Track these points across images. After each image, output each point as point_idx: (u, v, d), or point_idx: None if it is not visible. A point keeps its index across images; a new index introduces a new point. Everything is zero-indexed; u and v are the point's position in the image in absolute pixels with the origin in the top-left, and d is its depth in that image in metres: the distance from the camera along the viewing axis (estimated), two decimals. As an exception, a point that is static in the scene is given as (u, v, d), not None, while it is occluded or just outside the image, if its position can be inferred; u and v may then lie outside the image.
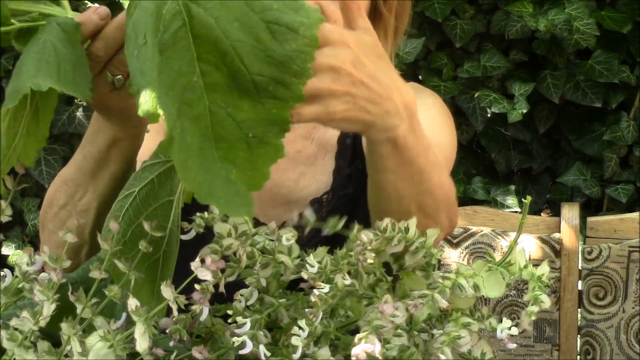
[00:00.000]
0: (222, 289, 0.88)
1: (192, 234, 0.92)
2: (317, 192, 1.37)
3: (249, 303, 0.92)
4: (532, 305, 0.90)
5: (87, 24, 0.94)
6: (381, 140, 0.99)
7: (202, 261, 0.85)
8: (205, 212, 0.94)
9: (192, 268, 0.85)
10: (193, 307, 0.86)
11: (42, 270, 0.91)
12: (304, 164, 1.37)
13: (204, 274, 0.84)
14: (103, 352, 0.82)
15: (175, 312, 0.85)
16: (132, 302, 0.83)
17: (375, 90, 0.96)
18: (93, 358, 0.82)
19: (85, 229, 1.10)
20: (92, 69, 0.94)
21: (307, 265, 0.89)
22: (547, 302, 0.90)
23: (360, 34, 0.94)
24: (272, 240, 0.93)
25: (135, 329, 0.83)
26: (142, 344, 0.82)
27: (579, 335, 1.81)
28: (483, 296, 0.93)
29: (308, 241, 1.37)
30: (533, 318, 0.89)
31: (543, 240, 1.78)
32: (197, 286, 0.88)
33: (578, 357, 1.83)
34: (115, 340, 0.83)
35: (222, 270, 0.90)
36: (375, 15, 1.35)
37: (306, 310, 0.87)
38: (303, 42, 0.80)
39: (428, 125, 1.32)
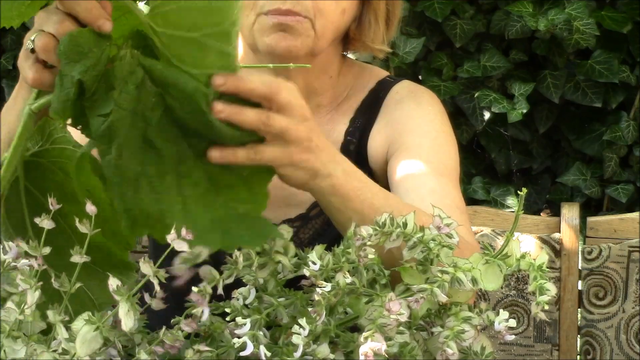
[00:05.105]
0: (220, 290, 0.88)
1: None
2: None
3: (247, 302, 0.92)
4: (539, 295, 0.90)
5: None
6: (324, 188, 1.02)
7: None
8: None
9: (169, 240, 0.85)
10: (194, 311, 0.86)
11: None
12: None
13: (180, 245, 0.85)
14: (90, 336, 0.81)
15: (157, 287, 0.85)
16: (113, 282, 0.83)
17: (322, 139, 1.01)
18: (80, 342, 0.82)
19: None
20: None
21: (309, 262, 0.89)
22: (552, 289, 0.90)
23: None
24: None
25: (118, 308, 0.82)
26: (127, 322, 0.82)
27: (579, 335, 1.81)
28: (482, 292, 0.92)
29: (309, 243, 1.36)
30: (547, 308, 0.89)
31: (543, 240, 1.78)
32: (194, 288, 0.88)
33: (578, 357, 1.83)
34: (100, 323, 0.82)
35: (220, 273, 0.90)
36: None
37: (309, 309, 0.87)
38: None
39: (433, 144, 1.32)
